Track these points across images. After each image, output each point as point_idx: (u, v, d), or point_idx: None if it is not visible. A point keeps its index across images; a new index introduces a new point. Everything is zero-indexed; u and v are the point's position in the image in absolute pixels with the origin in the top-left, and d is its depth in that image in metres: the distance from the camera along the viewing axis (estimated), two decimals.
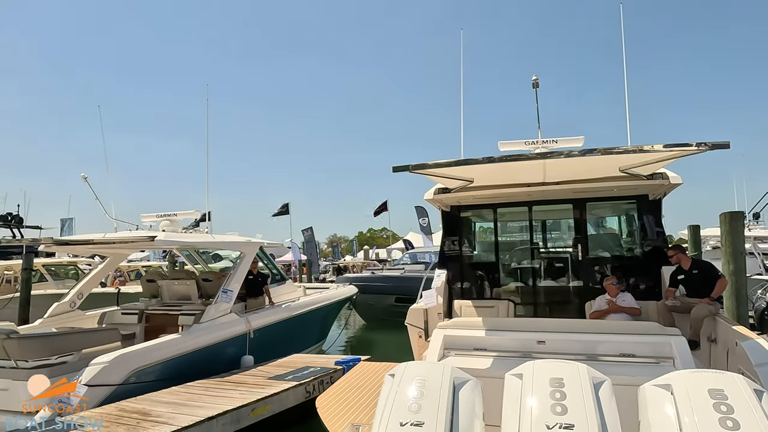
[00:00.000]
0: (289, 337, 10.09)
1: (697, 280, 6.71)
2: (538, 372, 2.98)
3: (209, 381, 7.35)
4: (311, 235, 32.64)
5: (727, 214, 8.25)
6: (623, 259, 7.97)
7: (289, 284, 11.33)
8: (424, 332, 7.81)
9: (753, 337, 5.16)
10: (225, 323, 8.51)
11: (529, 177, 6.27)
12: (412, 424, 2.83)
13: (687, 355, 4.30)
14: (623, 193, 7.42)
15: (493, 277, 8.46)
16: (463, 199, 7.88)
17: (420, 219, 31.14)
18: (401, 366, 3.34)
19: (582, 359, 4.63)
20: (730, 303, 8.00)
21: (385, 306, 17.27)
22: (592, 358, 4.65)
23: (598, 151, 4.41)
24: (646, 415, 2.80)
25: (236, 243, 9.54)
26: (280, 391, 6.70)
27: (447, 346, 5.04)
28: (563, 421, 2.62)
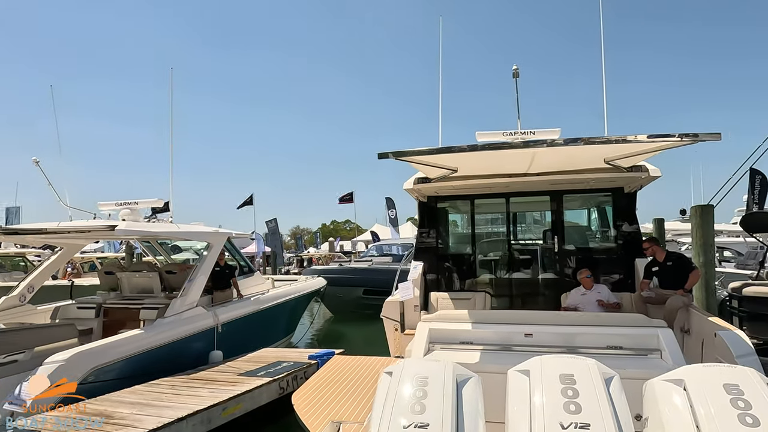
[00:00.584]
0: (258, 331, 9.74)
1: (672, 272, 6.81)
2: (546, 368, 2.84)
3: (176, 379, 6.96)
4: (275, 226, 31.96)
5: (698, 208, 8.43)
6: (598, 252, 8.03)
7: (258, 276, 10.95)
8: (400, 325, 7.66)
9: (731, 328, 5.23)
10: (191, 317, 8.10)
11: (513, 167, 6.16)
12: (416, 426, 2.64)
13: (675, 347, 4.28)
14: (600, 185, 7.44)
15: (470, 269, 8.38)
16: (441, 190, 7.73)
17: (388, 210, 31.02)
18: (399, 363, 3.14)
19: (570, 352, 4.57)
20: (699, 294, 8.19)
21: (354, 298, 17.06)
22: (579, 351, 4.58)
23: (582, 141, 4.34)
24: (657, 411, 2.70)
25: (203, 233, 9.10)
26: (252, 388, 6.39)
27: (432, 340, 4.87)
28: (578, 420, 2.49)
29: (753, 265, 16.04)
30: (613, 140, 4.33)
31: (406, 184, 7.30)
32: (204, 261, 8.64)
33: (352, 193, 32.62)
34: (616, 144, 4.56)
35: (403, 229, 35.63)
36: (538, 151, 4.95)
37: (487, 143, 5.39)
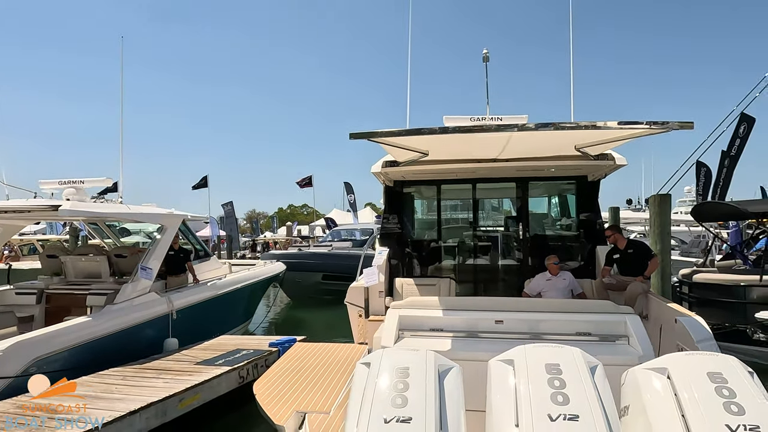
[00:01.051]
0: (215, 318, 9.37)
1: (632, 260, 6.97)
2: (531, 357, 2.75)
3: (127, 368, 6.56)
4: (231, 210, 31.01)
5: (656, 197, 8.67)
6: (561, 239, 8.13)
7: (214, 260, 10.53)
8: (364, 311, 7.52)
9: (691, 314, 5.37)
10: (144, 303, 7.66)
11: (484, 152, 6.08)
12: (399, 421, 2.49)
13: (643, 333, 4.32)
14: (565, 173, 7.50)
15: (435, 255, 8.32)
16: (408, 174, 7.59)
17: (347, 195, 30.68)
18: (376, 354, 2.98)
19: (541, 338, 4.56)
20: (656, 281, 8.46)
21: (313, 284, 16.82)
22: (549, 337, 4.57)
23: (552, 126, 4.29)
24: (640, 400, 2.66)
25: (157, 215, 8.59)
26: (211, 377, 6.09)
27: (402, 327, 4.74)
28: (567, 412, 2.41)
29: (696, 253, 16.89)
30: (582, 126, 4.29)
31: (373, 167, 7.11)
32: (157, 244, 8.17)
33: (311, 176, 32.02)
34: (585, 130, 4.54)
35: (361, 215, 35.45)
36: (512, 136, 4.87)
37: (462, 126, 5.28)
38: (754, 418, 2.30)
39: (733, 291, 8.45)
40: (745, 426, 2.27)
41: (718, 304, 8.49)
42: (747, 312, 8.08)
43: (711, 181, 17.24)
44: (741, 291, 8.36)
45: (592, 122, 4.22)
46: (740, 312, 8.24)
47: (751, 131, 14.96)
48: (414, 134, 4.69)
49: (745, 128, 14.81)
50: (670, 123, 4.21)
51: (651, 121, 4.20)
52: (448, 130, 4.58)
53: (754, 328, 7.56)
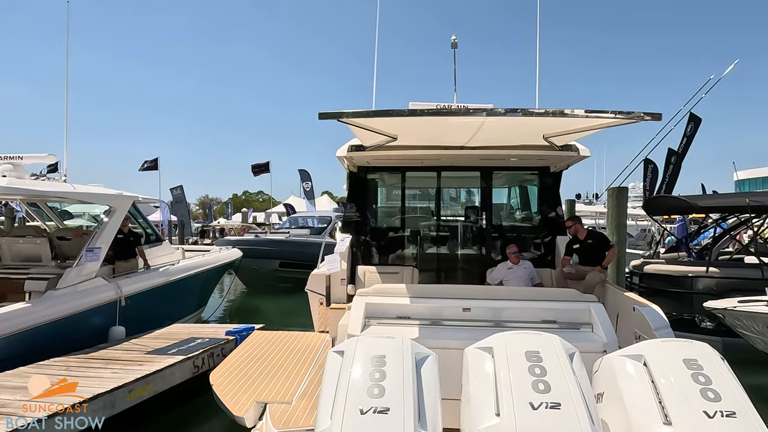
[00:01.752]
0: (166, 305, 8.94)
1: (591, 250, 7.11)
2: (510, 345, 2.68)
3: (71, 358, 6.13)
4: (181, 194, 29.84)
5: (614, 190, 8.89)
6: (523, 229, 8.21)
7: (166, 246, 10.05)
8: (326, 299, 7.35)
9: (648, 303, 5.52)
10: (89, 289, 7.18)
11: (453, 139, 6.00)
12: (376, 412, 2.36)
13: (606, 321, 4.37)
14: (529, 163, 7.54)
15: (398, 243, 8.22)
16: (373, 160, 7.44)
17: (303, 183, 30.15)
18: (350, 342, 2.84)
19: (508, 326, 4.54)
20: (611, 271, 8.70)
21: (269, 271, 16.45)
22: (515, 325, 4.56)
23: (521, 111, 4.26)
24: (616, 387, 2.65)
25: (104, 196, 8.05)
26: (163, 367, 5.76)
27: (368, 315, 4.62)
28: (549, 400, 2.35)
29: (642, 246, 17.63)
30: (551, 113, 4.27)
31: (339, 151, 6.91)
32: (105, 227, 7.67)
33: (268, 162, 31.22)
34: (554, 117, 4.54)
35: (319, 202, 34.99)
36: (484, 123, 4.80)
37: (434, 109, 5.17)
38: (730, 405, 2.31)
39: (681, 281, 8.81)
40: (722, 412, 2.28)
41: (667, 294, 8.83)
42: (694, 301, 8.45)
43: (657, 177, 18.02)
44: (689, 281, 8.73)
45: (560, 110, 4.22)
46: (688, 301, 8.61)
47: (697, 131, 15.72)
48: (384, 116, 4.54)
49: (692, 127, 15.52)
50: (636, 113, 4.26)
51: (617, 111, 4.24)
52: (418, 113, 4.47)
53: (701, 317, 7.91)
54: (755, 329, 6.49)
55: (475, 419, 2.47)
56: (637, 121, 4.46)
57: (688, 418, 2.28)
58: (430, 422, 2.45)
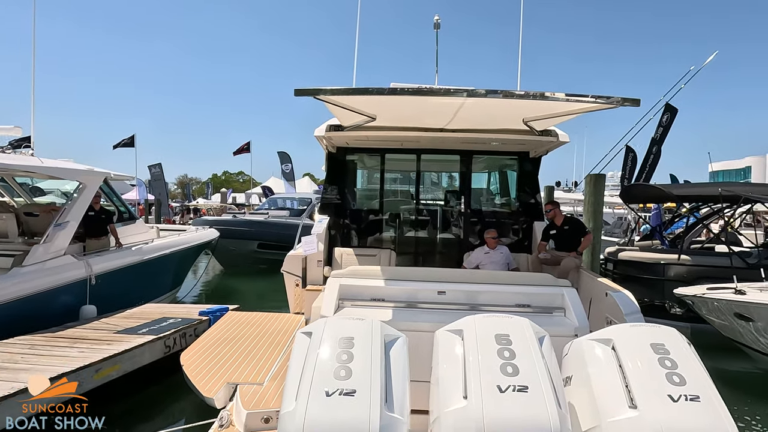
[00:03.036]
0: (139, 285, 8.76)
1: (567, 236, 7.16)
2: (480, 328, 2.66)
3: (36, 337, 5.96)
4: (159, 172, 29.32)
5: (592, 176, 8.94)
6: (501, 214, 8.22)
7: (140, 224, 9.81)
8: (302, 280, 7.29)
9: (620, 289, 5.58)
10: (58, 267, 6.98)
11: (433, 120, 5.92)
12: (342, 394, 2.32)
13: (579, 306, 4.40)
14: (508, 148, 7.52)
15: (376, 226, 8.18)
16: (352, 141, 7.33)
17: (283, 165, 29.80)
18: (319, 323, 2.78)
19: (482, 310, 4.54)
20: (586, 257, 8.80)
21: (247, 252, 16.29)
22: (489, 308, 4.57)
23: (501, 93, 4.23)
24: (584, 371, 2.66)
25: (74, 171, 7.79)
26: (133, 347, 5.65)
27: (342, 297, 4.57)
28: (516, 383, 2.34)
29: (618, 233, 17.92)
30: (531, 95, 4.23)
31: (317, 130, 6.78)
32: (75, 203, 7.44)
33: (249, 142, 30.75)
34: (534, 100, 4.51)
35: (299, 184, 34.68)
36: (464, 104, 4.74)
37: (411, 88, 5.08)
38: (694, 389, 2.33)
39: (653, 268, 8.97)
40: (686, 396, 2.30)
41: (639, 281, 8.98)
42: (665, 288, 8.61)
43: (637, 165, 18.24)
44: (660, 268, 8.88)
45: (540, 92, 4.19)
46: (659, 288, 8.78)
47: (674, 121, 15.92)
48: (363, 93, 4.45)
49: (668, 118, 15.71)
50: (614, 98, 4.24)
51: (597, 95, 4.22)
52: (398, 92, 4.39)
53: (671, 303, 8.07)
54: (722, 316, 6.64)
55: (443, 401, 2.45)
56: (616, 107, 4.44)
57: (653, 402, 2.29)
58: (397, 404, 2.42)
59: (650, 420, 2.24)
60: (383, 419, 2.28)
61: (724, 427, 2.23)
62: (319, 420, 2.25)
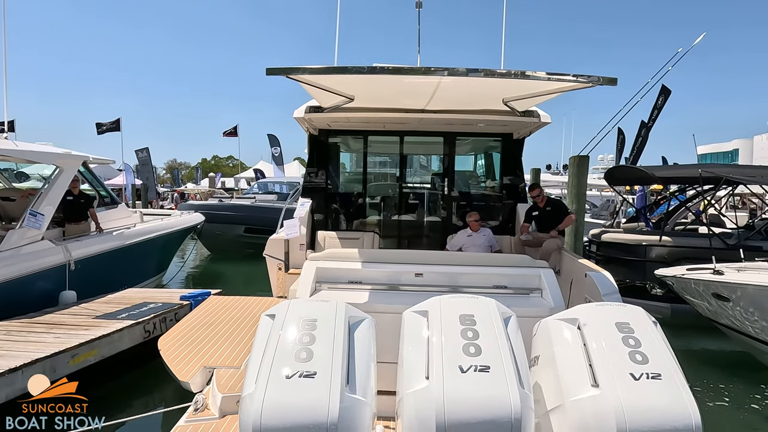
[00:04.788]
0: (121, 270, 8.68)
1: (550, 217, 7.17)
2: (445, 309, 2.64)
3: (12, 323, 5.90)
4: (147, 156, 28.91)
5: (576, 158, 8.92)
6: (484, 196, 8.20)
7: (123, 209, 9.70)
8: (284, 264, 7.25)
9: (600, 270, 5.59)
10: (34, 252, 6.89)
11: (412, 101, 5.84)
12: (302, 376, 2.29)
13: (555, 287, 4.41)
14: (491, 129, 7.47)
15: (359, 209, 8.13)
16: (334, 123, 7.24)
17: (272, 148, 29.55)
18: (282, 305, 2.75)
19: (457, 291, 4.53)
20: (569, 239, 8.83)
21: (234, 236, 16.19)
22: (467, 290, 4.56)
23: (482, 72, 4.17)
24: (550, 350, 2.65)
25: (50, 154, 7.65)
26: (111, 332, 5.61)
27: (319, 279, 4.54)
28: (478, 363, 2.32)
29: (605, 216, 18.01)
30: (512, 74, 4.19)
31: (296, 112, 6.68)
32: (51, 187, 7.32)
33: (236, 126, 30.45)
34: (515, 80, 4.46)
35: (289, 168, 34.43)
36: (441, 83, 4.67)
37: (390, 67, 4.99)
38: (656, 367, 2.33)
39: (635, 250, 9.02)
40: (648, 374, 2.30)
41: (622, 262, 9.04)
42: (647, 269, 8.67)
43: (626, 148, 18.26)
44: (642, 250, 8.94)
45: (521, 71, 4.13)
46: (640, 269, 8.84)
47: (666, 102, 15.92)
48: (338, 72, 4.37)
49: (662, 99, 15.70)
50: (593, 77, 4.20)
51: (577, 74, 4.18)
52: (376, 71, 4.31)
53: (652, 284, 8.13)
54: (700, 296, 6.71)
55: (406, 383, 2.44)
56: (594, 85, 4.39)
57: (615, 380, 2.29)
58: (360, 386, 2.40)
59: (611, 398, 2.24)
60: (344, 401, 2.26)
61: (684, 405, 2.23)
62: (278, 402, 2.23)
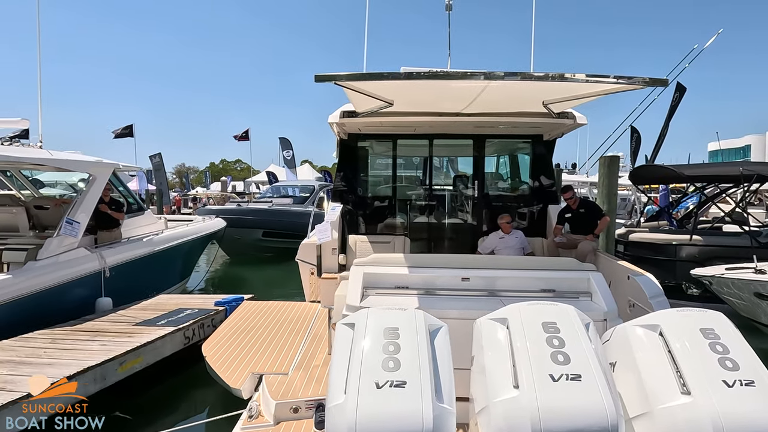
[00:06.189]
0: (151, 276, 8.74)
1: (583, 219, 7.13)
2: (526, 316, 2.63)
3: (56, 331, 5.95)
4: (160, 162, 29.10)
5: (606, 158, 8.88)
6: (514, 198, 8.16)
7: (149, 215, 9.75)
8: (317, 269, 7.25)
9: (642, 272, 5.56)
10: (72, 260, 6.94)
11: (451, 105, 5.84)
12: (393, 385, 2.29)
13: (606, 290, 4.38)
14: (521, 131, 7.45)
15: (388, 212, 8.13)
16: (365, 127, 7.25)
17: (284, 151, 29.65)
18: (361, 314, 2.75)
19: (506, 296, 4.52)
20: (601, 240, 8.77)
21: (252, 240, 16.27)
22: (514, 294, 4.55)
23: (520, 75, 4.15)
24: (630, 356, 2.64)
25: (85, 163, 7.71)
26: (154, 339, 5.64)
27: (366, 285, 4.54)
28: (569, 372, 2.31)
29: (622, 215, 17.89)
30: (550, 77, 4.15)
31: (331, 117, 6.70)
32: (86, 195, 7.37)
33: (248, 130, 30.57)
34: (553, 81, 4.43)
35: (299, 171, 34.51)
36: (487, 87, 4.66)
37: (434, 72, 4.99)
38: (748, 374, 2.31)
39: (665, 249, 8.96)
40: (741, 381, 2.28)
41: (651, 262, 8.95)
42: (677, 269, 8.61)
43: (641, 146, 18.15)
44: (672, 249, 8.88)
45: (560, 74, 4.10)
46: (671, 269, 8.78)
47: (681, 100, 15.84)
48: (382, 78, 4.36)
49: (677, 97, 15.61)
50: (637, 78, 4.14)
51: (619, 76, 4.12)
52: (417, 76, 4.32)
53: (688, 284, 8.07)
54: (741, 295, 6.65)
55: (490, 391, 2.43)
56: (641, 87, 4.36)
57: (708, 387, 2.28)
58: (446, 395, 2.41)
59: (705, 405, 2.22)
60: (435, 410, 2.26)
61: None
62: (371, 412, 2.23)
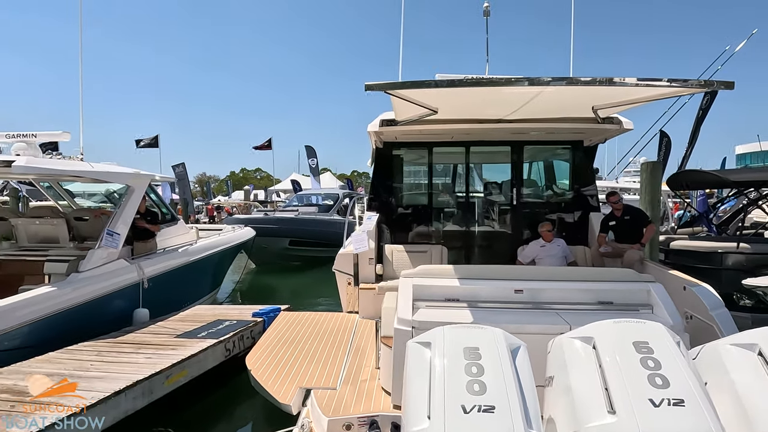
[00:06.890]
0: (186, 287, 8.76)
1: (628, 226, 6.91)
2: (612, 335, 2.48)
3: (100, 343, 5.96)
4: (183, 171, 29.42)
5: (648, 164, 8.64)
6: (554, 206, 7.98)
7: (182, 225, 9.80)
8: (353, 278, 7.18)
9: (699, 282, 5.34)
10: (112, 271, 6.98)
11: (496, 111, 5.72)
12: (481, 410, 2.17)
13: (669, 302, 4.19)
14: (560, 137, 7.29)
15: (424, 221, 8.02)
16: (401, 135, 7.18)
17: (309, 159, 29.78)
18: (436, 332, 2.63)
19: (561, 308, 4.36)
20: (645, 248, 8.51)
21: (279, 249, 16.28)
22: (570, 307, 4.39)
23: (566, 81, 4.02)
24: (727, 378, 2.48)
25: (123, 174, 7.77)
26: (198, 351, 5.60)
27: (416, 297, 4.43)
28: (671, 396, 2.15)
29: None
30: (598, 81, 4.00)
31: (370, 126, 6.65)
32: (125, 206, 7.42)
33: (270, 139, 30.86)
34: (600, 88, 4.28)
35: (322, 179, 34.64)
36: (542, 93, 4.53)
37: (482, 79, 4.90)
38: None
39: (710, 258, 8.63)
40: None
41: (695, 270, 8.61)
42: (723, 277, 8.28)
43: (671, 150, 17.73)
44: (718, 258, 8.55)
45: (607, 78, 3.94)
46: (717, 278, 8.43)
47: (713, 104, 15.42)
48: (431, 86, 4.26)
49: (707, 100, 15.21)
50: (692, 81, 3.97)
51: (673, 79, 3.94)
52: (464, 83, 4.23)
53: (740, 294, 7.76)
54: None
55: (581, 415, 2.28)
56: (699, 90, 4.20)
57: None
58: (533, 419, 2.28)
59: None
60: None
61: None
62: None
